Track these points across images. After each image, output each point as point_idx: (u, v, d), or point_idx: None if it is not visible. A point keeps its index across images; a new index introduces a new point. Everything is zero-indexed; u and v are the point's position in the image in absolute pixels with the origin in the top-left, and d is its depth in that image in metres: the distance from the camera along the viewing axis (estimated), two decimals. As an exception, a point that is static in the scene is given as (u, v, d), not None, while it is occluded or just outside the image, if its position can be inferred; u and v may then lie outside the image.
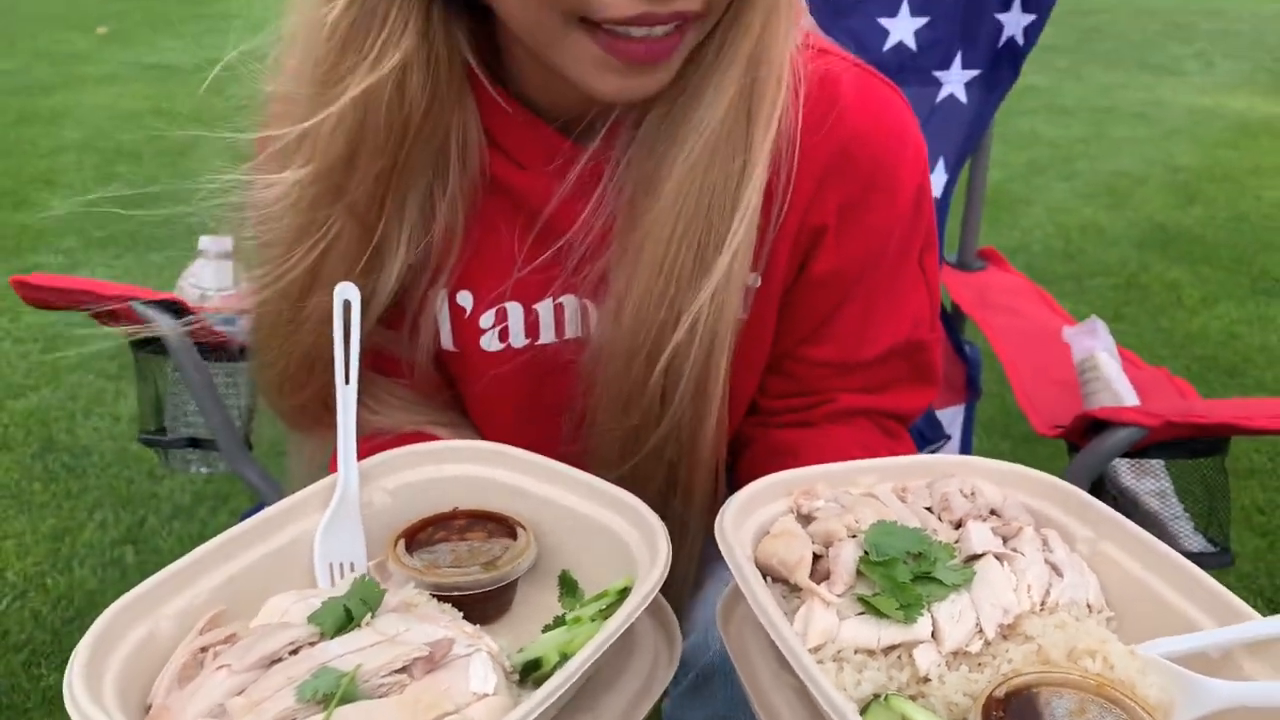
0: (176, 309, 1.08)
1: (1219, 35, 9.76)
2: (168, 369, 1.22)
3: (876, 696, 0.54)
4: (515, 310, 0.85)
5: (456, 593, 0.63)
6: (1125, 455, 1.00)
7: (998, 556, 0.59)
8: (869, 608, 0.56)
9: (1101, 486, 1.09)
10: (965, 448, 1.52)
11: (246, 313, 0.91)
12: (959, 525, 0.62)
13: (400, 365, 0.89)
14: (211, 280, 1.24)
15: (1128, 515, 1.07)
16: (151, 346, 1.18)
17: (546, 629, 0.61)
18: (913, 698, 0.53)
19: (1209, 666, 0.55)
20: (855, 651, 0.55)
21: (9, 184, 4.36)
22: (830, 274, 0.83)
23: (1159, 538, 1.06)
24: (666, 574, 0.59)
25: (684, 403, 0.80)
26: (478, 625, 0.60)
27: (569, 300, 0.84)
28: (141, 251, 3.69)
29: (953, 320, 1.55)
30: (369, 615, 0.58)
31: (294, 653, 0.55)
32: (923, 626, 0.55)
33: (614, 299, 0.79)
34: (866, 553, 0.59)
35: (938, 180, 1.47)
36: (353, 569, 0.66)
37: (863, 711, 0.53)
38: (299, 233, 0.79)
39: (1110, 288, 3.68)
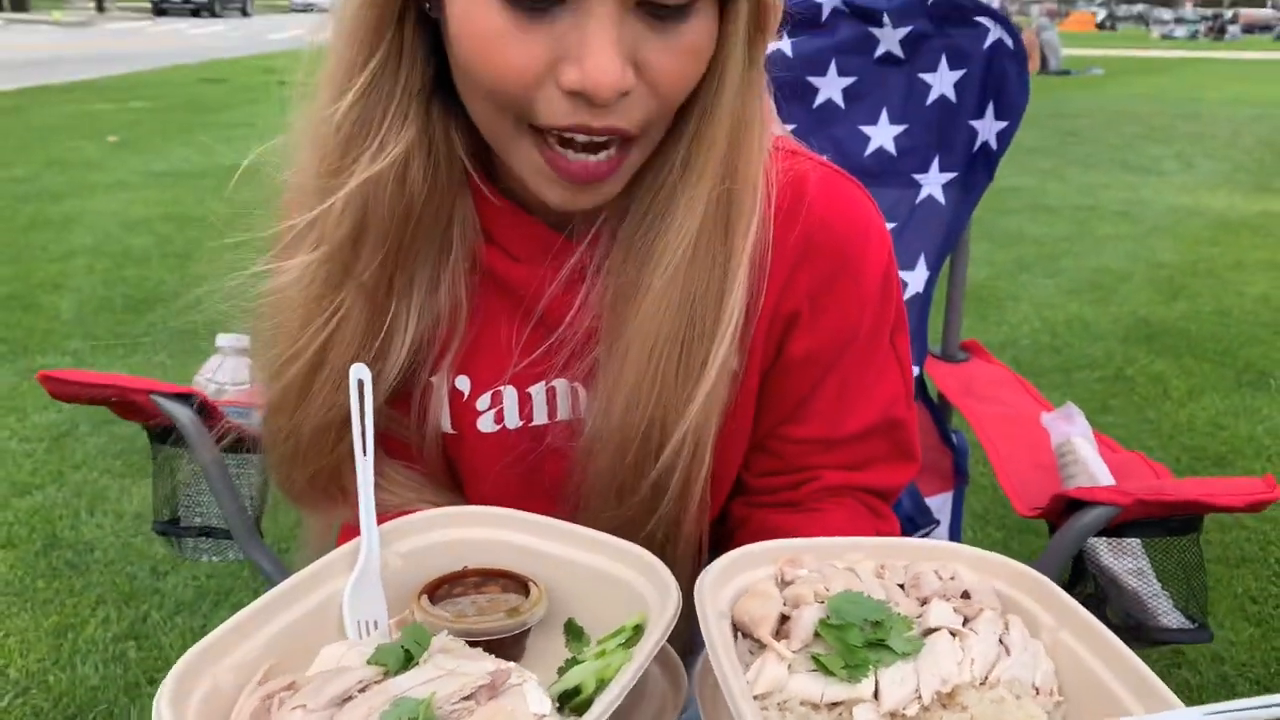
0: (194, 402, 1.13)
1: (1197, 137, 10.04)
2: (182, 461, 1.26)
3: None
4: (510, 393, 0.90)
5: (485, 638, 0.68)
6: (1103, 534, 1.04)
7: (952, 632, 0.64)
8: (819, 665, 0.61)
9: (1084, 566, 1.13)
10: (954, 533, 1.56)
11: (259, 406, 0.97)
12: (925, 602, 0.67)
13: (408, 449, 0.93)
14: (227, 375, 1.29)
15: (1109, 594, 1.11)
16: (168, 439, 1.23)
17: (561, 670, 0.66)
18: None
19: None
20: (800, 703, 0.60)
21: (19, 288, 4.45)
22: (806, 356, 0.88)
23: (1140, 615, 1.10)
24: (681, 605, 0.65)
25: (674, 490, 0.85)
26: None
27: (560, 384, 0.89)
28: (147, 352, 3.75)
29: (939, 410, 1.60)
30: (424, 654, 0.63)
31: (363, 690, 0.60)
32: (865, 687, 0.60)
33: (604, 395, 0.83)
34: (827, 617, 0.63)
35: (920, 276, 1.54)
36: (376, 626, 0.70)
37: None
38: (310, 312, 0.84)
39: (1097, 381, 3.74)
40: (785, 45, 1.52)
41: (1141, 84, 15.98)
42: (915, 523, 1.44)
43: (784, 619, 0.65)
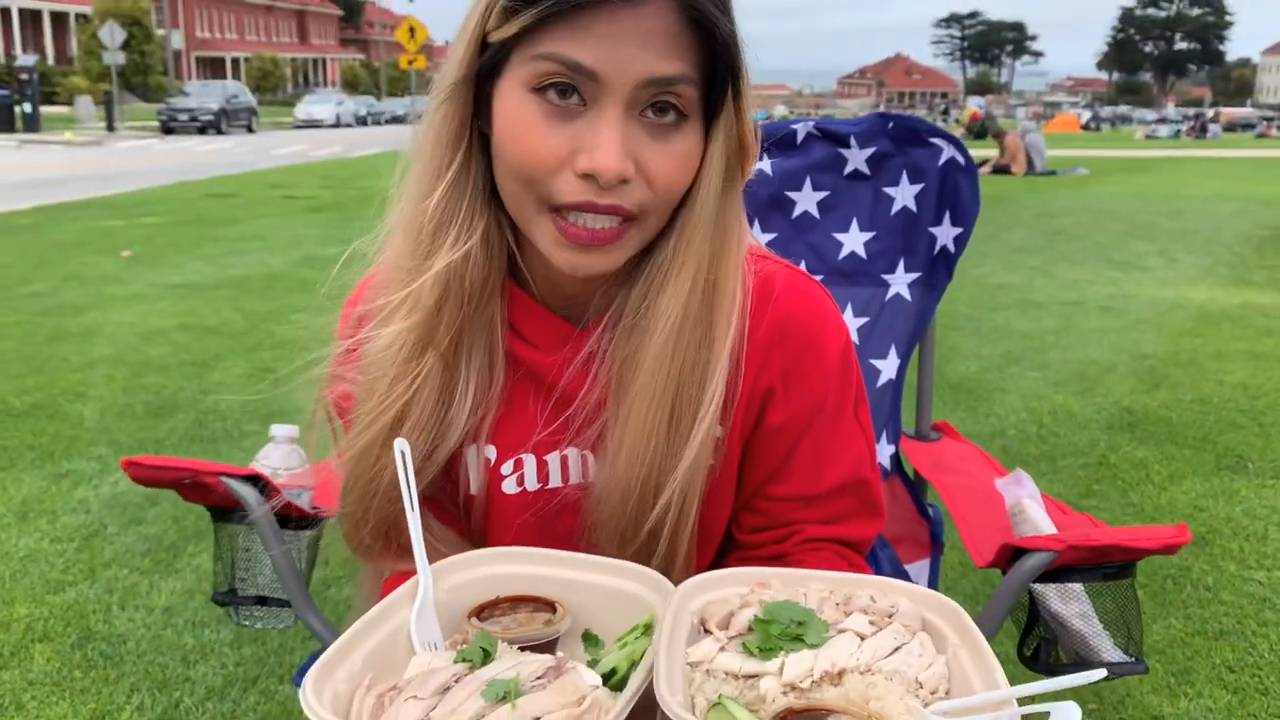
0: (259, 483, 1.30)
1: (1179, 234, 10.33)
2: (239, 537, 1.42)
3: (717, 703, 0.75)
4: (530, 460, 1.07)
5: (528, 643, 0.85)
6: (1048, 579, 1.20)
7: (858, 634, 0.81)
8: (745, 648, 0.80)
9: (1037, 612, 1.28)
10: (931, 596, 1.71)
11: (308, 487, 1.13)
12: (849, 615, 0.84)
13: (446, 511, 1.11)
14: (280, 461, 1.46)
15: (1059, 635, 1.27)
16: (228, 516, 1.39)
17: (590, 664, 0.82)
18: (753, 710, 0.74)
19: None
20: (724, 673, 0.78)
21: (43, 397, 4.63)
22: (782, 424, 1.05)
23: (1085, 652, 1.25)
24: None
25: (666, 538, 1.01)
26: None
27: (572, 452, 1.06)
28: (170, 455, 3.91)
29: (915, 486, 1.77)
30: (496, 652, 0.81)
31: (457, 680, 0.77)
32: (773, 664, 0.78)
33: (610, 453, 1.01)
34: (762, 615, 0.82)
35: (891, 364, 1.72)
36: (437, 646, 0.87)
37: (710, 709, 0.74)
38: (400, 373, 1.01)
39: (1081, 467, 3.89)
40: (766, 165, 1.73)
41: (1125, 183, 16.45)
42: (895, 587, 1.59)
43: (730, 617, 0.84)
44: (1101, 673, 0.72)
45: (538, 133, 0.89)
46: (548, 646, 0.87)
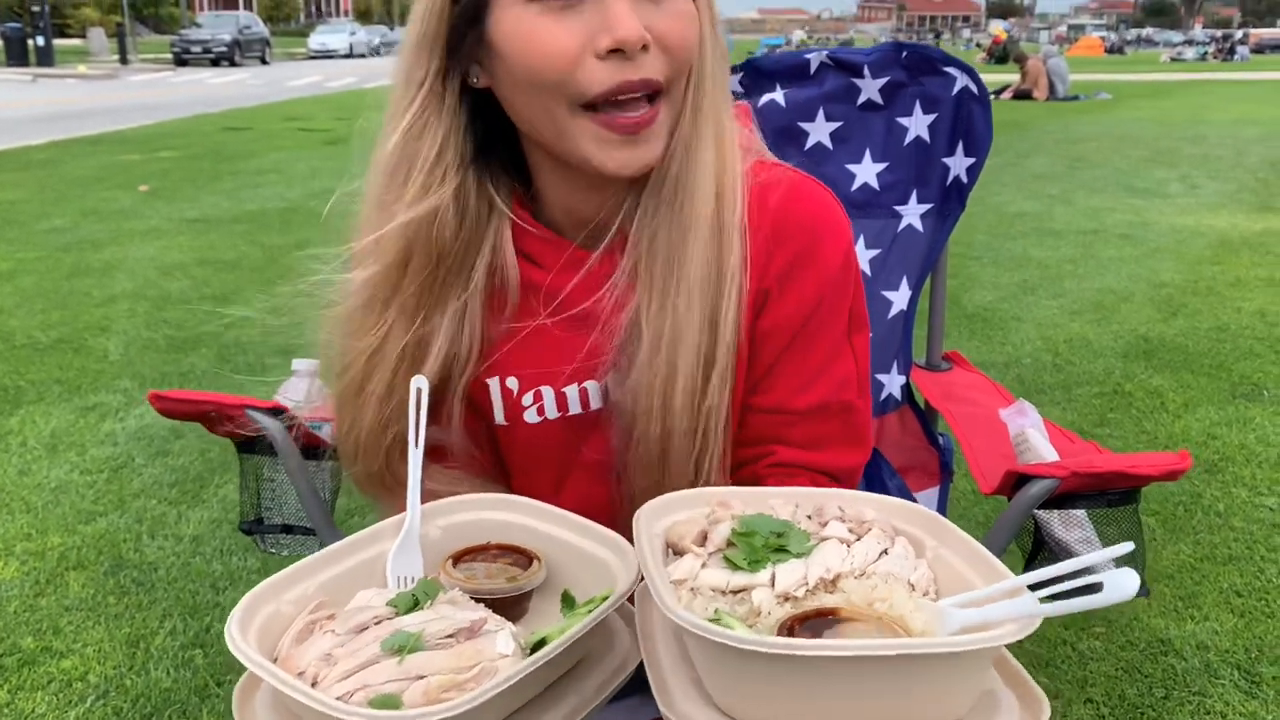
0: (282, 414, 1.33)
1: (1201, 159, 10.18)
2: (264, 468, 1.46)
3: (715, 618, 0.73)
4: (548, 392, 1.08)
5: (488, 596, 0.86)
6: (1052, 505, 1.22)
7: (841, 541, 0.80)
8: (728, 562, 0.78)
9: (1042, 539, 1.31)
10: (940, 523, 1.74)
11: (329, 419, 1.16)
12: (825, 525, 0.82)
13: (440, 451, 1.10)
14: (303, 394, 1.50)
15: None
16: (253, 448, 1.43)
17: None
18: (749, 625, 0.73)
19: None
20: (710, 589, 0.76)
21: (67, 331, 4.69)
22: (771, 328, 1.04)
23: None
24: (637, 583, 0.82)
25: (713, 453, 1.01)
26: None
27: (591, 385, 1.07)
28: (193, 388, 3.97)
29: (925, 414, 1.79)
30: (429, 601, 0.81)
31: (377, 623, 0.78)
32: (763, 576, 0.76)
33: (633, 361, 1.00)
34: (739, 528, 0.80)
35: (903, 295, 1.73)
36: (413, 580, 0.89)
37: None
38: (363, 326, 1.03)
39: (1096, 396, 3.91)
40: (779, 95, 1.72)
41: (1149, 108, 16.17)
42: (905, 514, 1.62)
43: (705, 535, 0.82)
44: (1129, 546, 0.69)
45: (550, 32, 0.91)
46: (514, 602, 0.87)
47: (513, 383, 1.09)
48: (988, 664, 0.73)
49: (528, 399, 1.09)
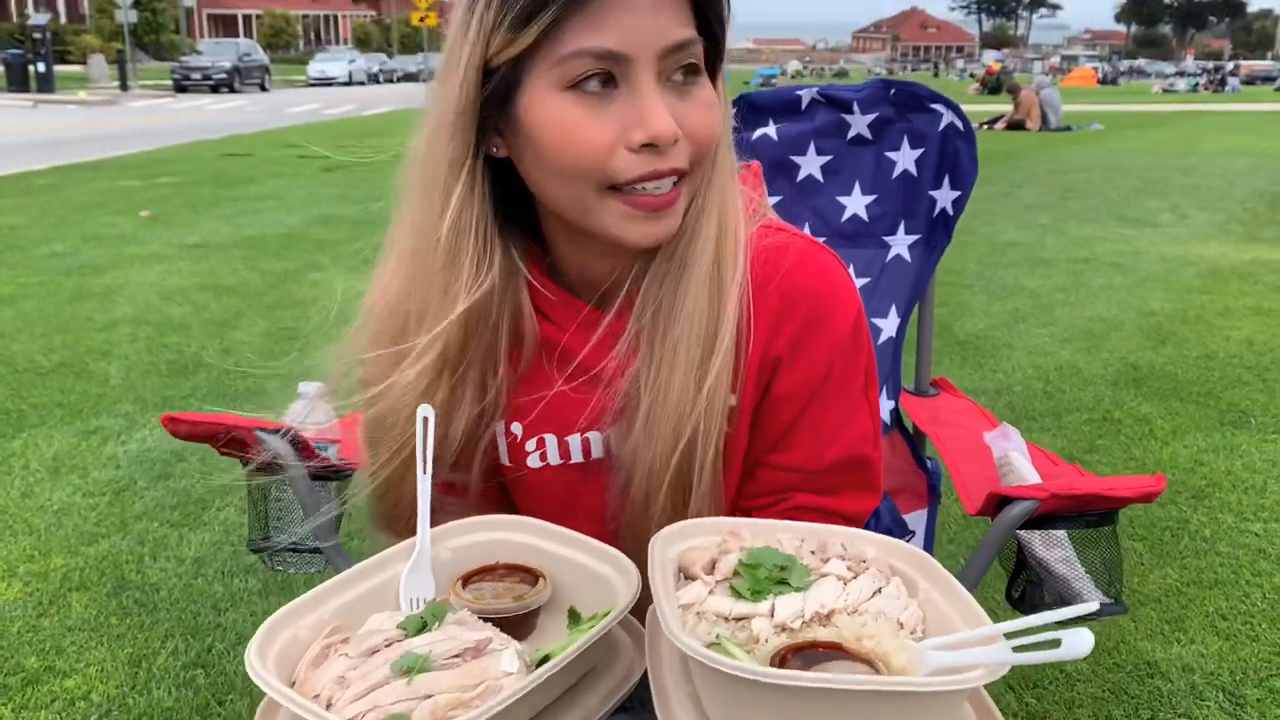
0: (290, 436, 1.38)
1: (1191, 190, 10.29)
2: (272, 489, 1.51)
3: (716, 643, 0.78)
4: (551, 440, 1.12)
5: (495, 615, 0.90)
6: (1033, 526, 1.27)
7: (839, 577, 0.85)
8: (733, 591, 0.84)
9: (1024, 558, 1.36)
10: (928, 543, 1.79)
11: (335, 440, 1.20)
12: (826, 561, 0.88)
13: (456, 488, 1.15)
14: (309, 416, 1.55)
15: (1044, 579, 1.34)
16: (262, 469, 1.47)
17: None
18: (747, 651, 0.78)
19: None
20: (714, 615, 0.82)
21: (69, 355, 4.73)
22: (787, 394, 1.07)
23: (1068, 595, 1.33)
24: (637, 599, 0.87)
25: (695, 503, 1.05)
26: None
27: (594, 435, 1.11)
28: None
29: (914, 439, 1.84)
30: (438, 623, 0.85)
31: (388, 645, 0.82)
32: (764, 606, 0.81)
33: (633, 420, 1.04)
34: (746, 559, 0.86)
35: (892, 323, 1.78)
36: (425, 602, 0.92)
37: (708, 649, 0.76)
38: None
39: (1085, 423, 3.96)
40: (771, 130, 1.79)
41: (1140, 138, 16.34)
42: (894, 535, 1.67)
43: (714, 563, 0.88)
44: (1094, 605, 0.77)
45: (587, 125, 0.93)
46: (521, 620, 0.92)
47: (517, 428, 1.13)
48: (960, 702, 0.79)
49: (531, 445, 1.13)
